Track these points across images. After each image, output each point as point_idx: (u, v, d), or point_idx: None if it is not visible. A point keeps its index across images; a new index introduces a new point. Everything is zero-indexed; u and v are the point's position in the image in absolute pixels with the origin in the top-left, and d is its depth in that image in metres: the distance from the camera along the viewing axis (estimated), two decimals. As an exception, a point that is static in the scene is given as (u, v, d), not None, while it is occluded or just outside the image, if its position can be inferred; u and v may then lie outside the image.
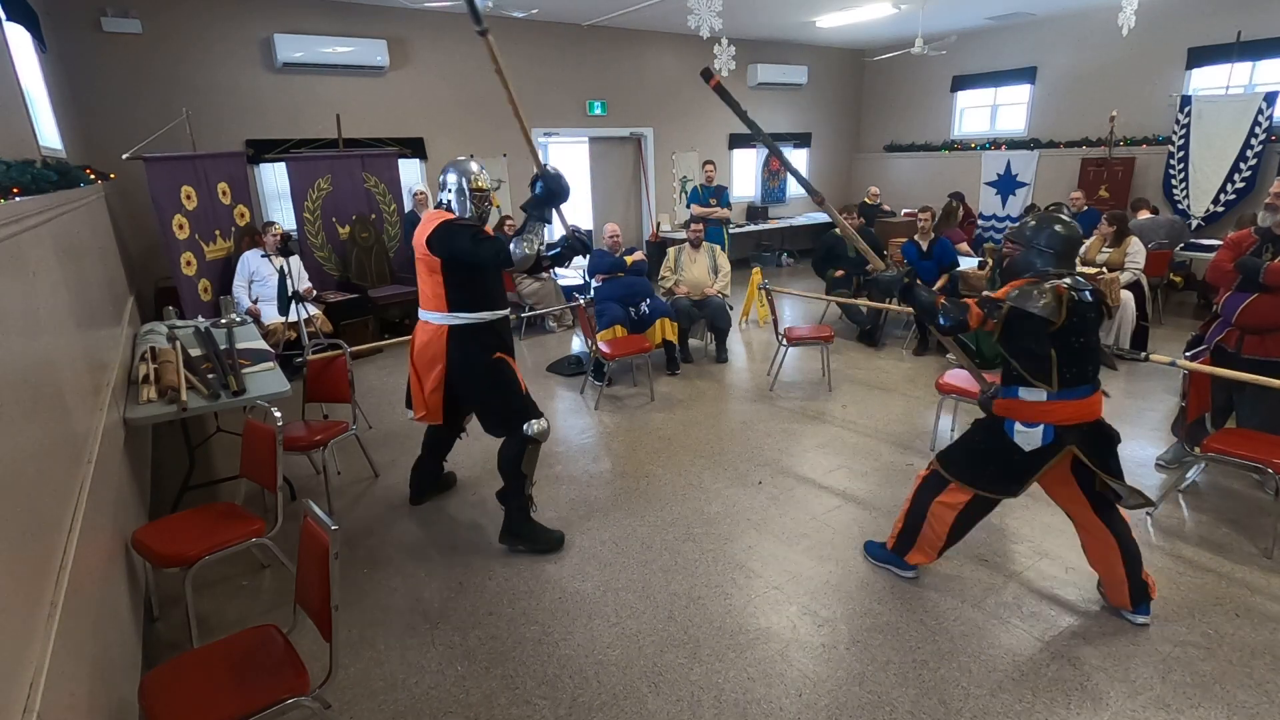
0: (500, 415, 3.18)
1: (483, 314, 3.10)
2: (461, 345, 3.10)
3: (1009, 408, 2.55)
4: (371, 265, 7.05)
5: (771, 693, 2.35)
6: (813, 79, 10.89)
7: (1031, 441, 2.49)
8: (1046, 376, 2.43)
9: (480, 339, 3.11)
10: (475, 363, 3.11)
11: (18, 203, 2.04)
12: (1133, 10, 5.67)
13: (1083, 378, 2.44)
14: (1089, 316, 2.42)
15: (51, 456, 1.91)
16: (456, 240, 2.94)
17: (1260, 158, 7.49)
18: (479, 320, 3.09)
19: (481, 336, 3.11)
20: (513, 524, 3.24)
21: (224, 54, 6.60)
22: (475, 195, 3.07)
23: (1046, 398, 2.45)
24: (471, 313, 3.08)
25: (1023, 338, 2.43)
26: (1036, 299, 2.35)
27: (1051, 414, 2.45)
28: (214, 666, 1.92)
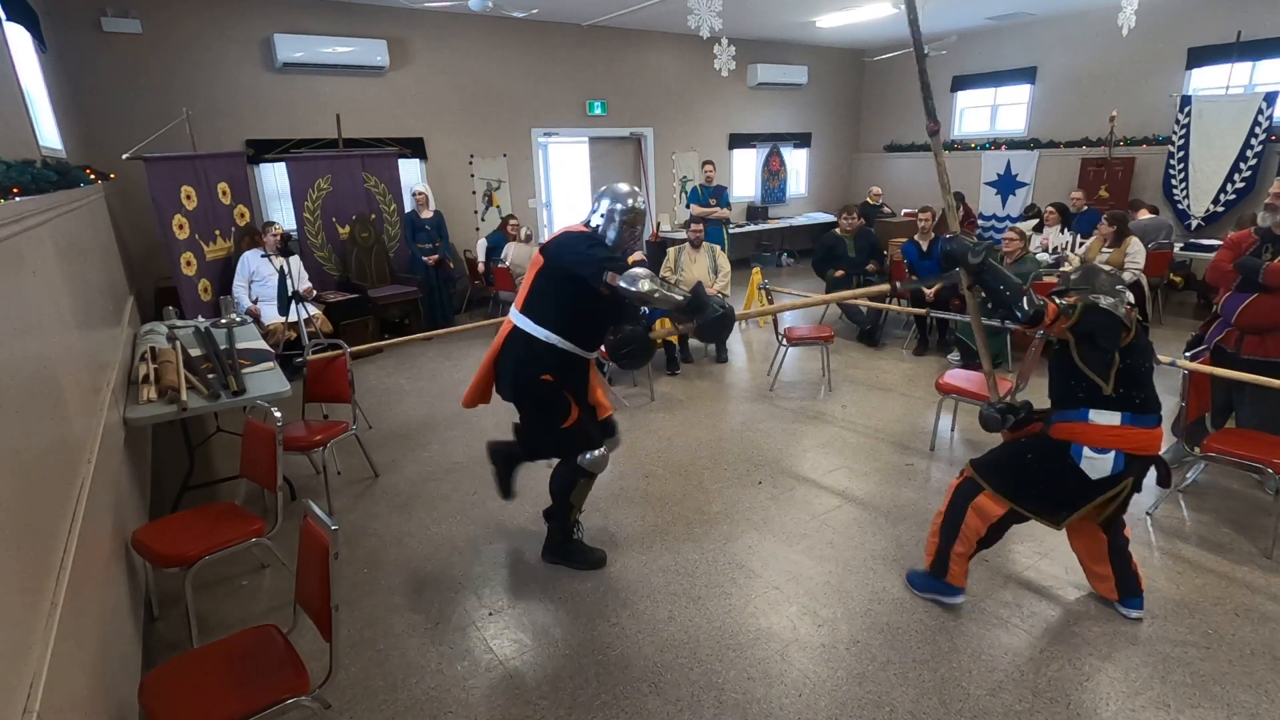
0: (543, 442, 3.02)
1: (558, 338, 2.81)
2: (520, 350, 2.85)
3: (1076, 431, 2.41)
4: (371, 265, 7.05)
5: (771, 693, 2.35)
6: (813, 79, 10.90)
7: (1100, 469, 2.36)
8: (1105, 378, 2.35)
9: (541, 356, 2.83)
10: (524, 374, 2.85)
11: (18, 203, 2.04)
12: (1133, 10, 5.67)
13: (1149, 406, 2.37)
14: (1149, 348, 2.41)
15: (51, 456, 1.91)
16: (573, 244, 2.74)
17: (1260, 158, 7.49)
18: (550, 340, 2.81)
19: (544, 355, 2.83)
20: (554, 543, 3.15)
21: (224, 54, 6.61)
22: (624, 227, 2.84)
23: (1121, 421, 2.34)
24: (547, 329, 2.80)
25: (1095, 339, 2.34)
26: (1113, 302, 2.32)
27: (1125, 440, 2.35)
28: (214, 666, 1.92)
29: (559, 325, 2.80)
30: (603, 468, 3.01)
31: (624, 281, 2.53)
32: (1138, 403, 2.35)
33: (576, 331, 2.84)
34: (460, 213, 8.28)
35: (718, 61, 5.64)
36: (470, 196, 8.44)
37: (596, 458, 2.96)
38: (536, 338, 2.81)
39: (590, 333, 2.90)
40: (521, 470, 3.30)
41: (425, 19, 7.54)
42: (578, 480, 3.00)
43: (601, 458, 2.98)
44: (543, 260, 2.82)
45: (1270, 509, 3.24)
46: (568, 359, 2.86)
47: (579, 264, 2.69)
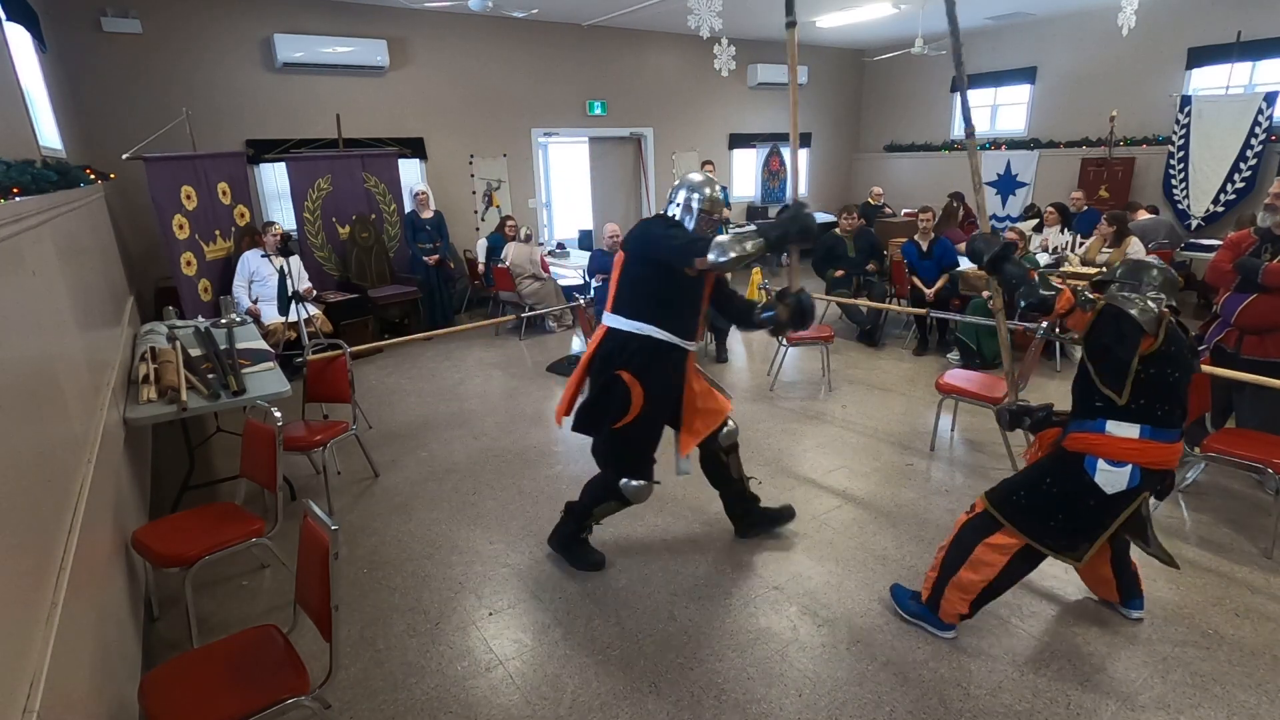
0: (605, 446, 2.92)
1: (652, 327, 2.72)
2: (609, 345, 2.78)
3: (1091, 443, 2.29)
4: (371, 265, 7.05)
5: (771, 693, 2.35)
6: (813, 79, 10.90)
7: (1116, 483, 2.25)
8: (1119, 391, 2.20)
9: (623, 349, 2.75)
10: (604, 367, 2.79)
11: (18, 203, 2.04)
12: (1133, 10, 5.67)
13: (1171, 420, 2.23)
14: (1185, 355, 2.22)
15: (51, 456, 1.91)
16: (652, 232, 2.70)
17: (1260, 158, 7.49)
18: (644, 331, 2.73)
19: (630, 347, 2.74)
20: (562, 534, 3.14)
21: (224, 54, 6.61)
22: (702, 215, 2.78)
23: (1139, 435, 2.22)
24: (640, 321, 2.73)
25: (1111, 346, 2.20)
26: (1137, 304, 2.18)
27: (1142, 454, 2.23)
28: (214, 666, 1.92)
29: (652, 315, 2.73)
30: (640, 500, 2.94)
31: (714, 255, 2.46)
32: (1159, 415, 2.21)
33: (670, 319, 2.75)
34: (460, 213, 8.28)
35: (718, 61, 5.65)
36: (470, 196, 8.44)
37: (637, 488, 2.89)
38: (630, 333, 2.74)
39: (686, 319, 2.81)
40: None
41: (425, 19, 7.55)
42: (609, 499, 2.95)
43: (643, 489, 2.90)
44: (624, 256, 2.78)
45: (1270, 509, 3.24)
46: (664, 350, 2.78)
47: (662, 250, 2.66)
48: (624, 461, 2.88)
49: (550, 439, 4.53)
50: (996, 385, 4.01)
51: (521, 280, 7.04)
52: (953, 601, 2.49)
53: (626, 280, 2.79)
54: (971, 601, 2.48)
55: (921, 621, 2.63)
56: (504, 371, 5.98)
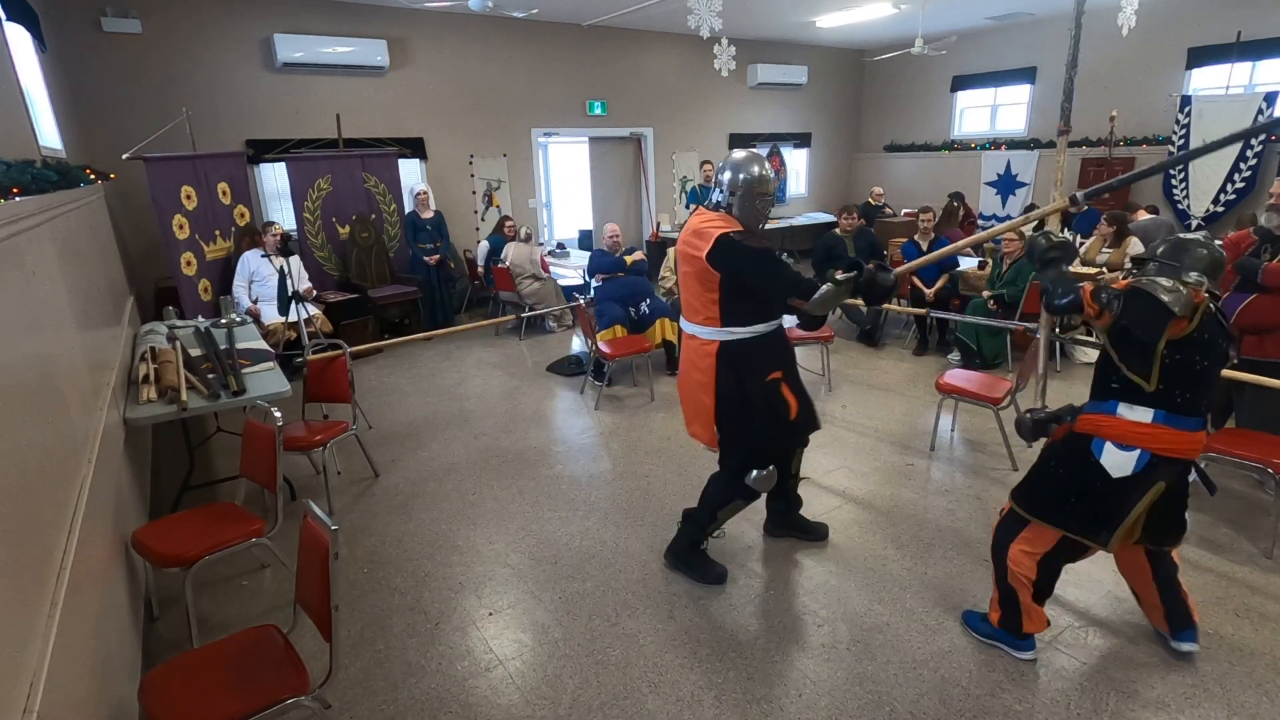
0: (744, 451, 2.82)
1: (758, 326, 2.71)
2: (734, 364, 2.72)
3: (1100, 424, 2.23)
4: (371, 265, 7.05)
5: (771, 693, 2.35)
6: (813, 79, 10.90)
7: (1121, 467, 2.18)
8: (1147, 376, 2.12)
9: (756, 355, 2.73)
10: (748, 387, 2.73)
11: (18, 203, 2.04)
12: (1133, 10, 5.67)
13: (1194, 407, 2.13)
14: (1219, 343, 2.13)
15: (51, 456, 1.91)
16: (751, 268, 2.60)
17: (1260, 158, 7.50)
18: (754, 334, 2.71)
19: (757, 353, 2.73)
20: (679, 548, 3.04)
21: (224, 54, 6.61)
22: (751, 196, 2.69)
23: (1152, 419, 2.14)
24: (746, 326, 2.69)
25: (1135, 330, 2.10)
26: (1167, 286, 2.05)
27: (1153, 439, 2.14)
28: (214, 666, 1.92)
29: (760, 314, 2.71)
30: (767, 488, 2.84)
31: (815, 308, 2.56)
32: (1178, 401, 2.12)
33: (770, 310, 2.76)
34: (460, 213, 8.28)
35: (718, 61, 5.64)
36: (470, 196, 8.44)
37: (765, 476, 2.80)
38: (743, 340, 2.70)
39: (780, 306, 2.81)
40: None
41: (425, 19, 7.54)
42: (734, 498, 2.87)
43: (771, 475, 2.81)
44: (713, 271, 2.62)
45: (1270, 509, 3.24)
46: (780, 342, 2.81)
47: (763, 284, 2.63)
48: (757, 457, 2.80)
49: (550, 439, 4.53)
50: (996, 385, 4.01)
51: (521, 280, 7.04)
52: (1036, 613, 2.43)
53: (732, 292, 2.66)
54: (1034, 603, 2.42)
55: (997, 642, 2.52)
56: (504, 371, 5.99)
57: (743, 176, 2.68)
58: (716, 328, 2.70)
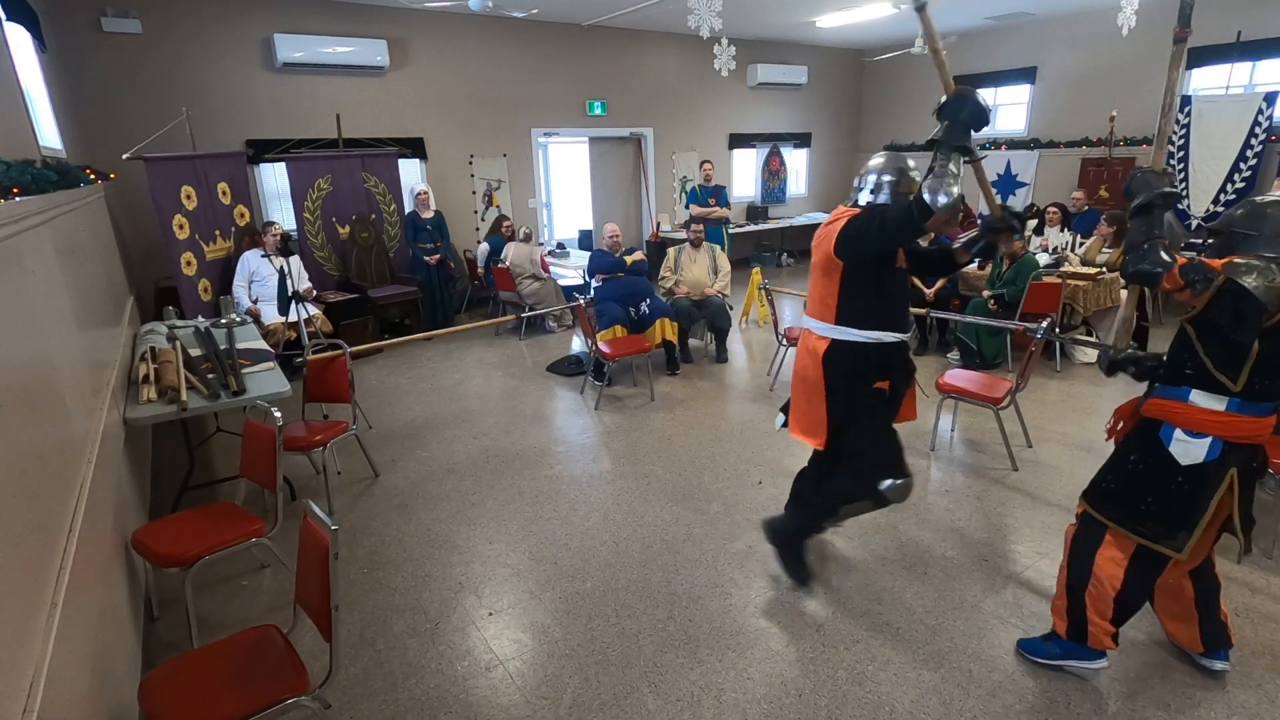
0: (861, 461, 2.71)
1: (874, 333, 2.59)
2: (842, 366, 2.64)
3: (1170, 411, 2.10)
4: (371, 265, 7.05)
5: (771, 693, 2.35)
6: (813, 79, 10.90)
7: (1192, 455, 2.06)
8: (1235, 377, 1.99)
9: (867, 361, 2.63)
10: (856, 390, 2.64)
11: (18, 203, 2.04)
12: (1133, 10, 5.67)
13: (1270, 394, 2.00)
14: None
15: (51, 456, 1.91)
16: (864, 229, 2.47)
17: (1260, 158, 7.49)
18: (868, 340, 2.60)
19: (868, 359, 2.63)
20: (786, 527, 2.94)
21: (224, 54, 6.61)
22: (899, 196, 2.59)
23: (1226, 407, 2.01)
24: (862, 329, 2.59)
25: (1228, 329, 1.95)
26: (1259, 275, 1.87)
27: (1226, 427, 2.03)
28: (214, 666, 1.92)
29: (876, 320, 2.59)
30: (904, 498, 2.68)
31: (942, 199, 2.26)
32: (1256, 389, 1.98)
33: (895, 317, 2.63)
34: (460, 213, 8.28)
35: (718, 61, 5.64)
36: (470, 196, 8.44)
37: (901, 486, 2.64)
38: (855, 343, 2.60)
39: (901, 312, 2.69)
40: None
41: (425, 19, 7.54)
42: (863, 499, 2.75)
43: (906, 486, 2.65)
44: (836, 259, 2.55)
45: (1270, 509, 3.24)
46: (896, 351, 2.67)
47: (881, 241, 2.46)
48: (879, 464, 2.66)
49: (550, 439, 4.53)
50: (996, 385, 4.01)
51: (521, 280, 7.04)
52: (1099, 628, 2.28)
53: (850, 288, 2.57)
54: (1111, 619, 2.27)
55: (1069, 661, 2.37)
56: (504, 371, 5.99)
57: (889, 178, 2.63)
58: (830, 324, 2.63)
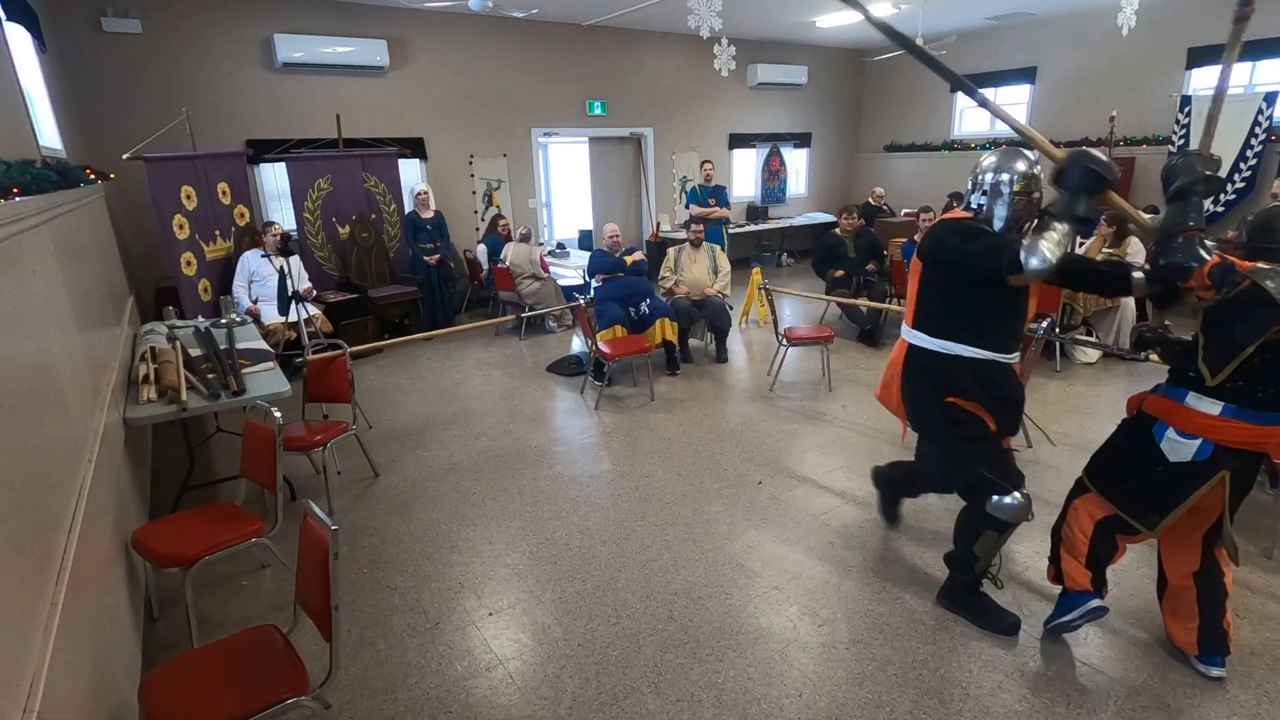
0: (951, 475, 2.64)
1: (954, 345, 2.40)
2: (914, 372, 2.53)
3: (1166, 409, 2.16)
4: (371, 265, 7.05)
5: (771, 693, 2.35)
6: (813, 79, 10.90)
7: (1180, 454, 2.11)
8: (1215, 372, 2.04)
9: (938, 374, 2.46)
10: (924, 400, 2.51)
11: (18, 203, 2.04)
12: (1133, 10, 5.67)
13: (1273, 403, 2.01)
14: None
15: (51, 456, 1.90)
16: (946, 240, 2.35)
17: (1260, 158, 7.49)
18: (945, 351, 2.42)
19: (941, 372, 2.45)
20: (953, 589, 2.73)
21: (224, 54, 6.61)
22: (1018, 199, 2.34)
23: (1220, 413, 2.05)
24: (941, 339, 2.43)
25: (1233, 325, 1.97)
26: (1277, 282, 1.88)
27: (1219, 432, 2.06)
28: (214, 666, 1.92)
29: (961, 331, 2.40)
30: (1021, 518, 2.45)
31: (1035, 263, 2.07)
32: (1259, 398, 2.00)
33: (986, 334, 2.40)
34: (460, 213, 8.28)
35: (718, 61, 5.64)
36: (470, 196, 8.44)
37: (1013, 505, 2.41)
38: (937, 353, 2.44)
39: (1005, 331, 2.42)
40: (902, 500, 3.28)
41: (425, 19, 7.54)
42: (983, 530, 2.51)
43: (1021, 506, 2.42)
44: (921, 265, 2.44)
45: (1270, 509, 3.24)
46: (983, 370, 2.42)
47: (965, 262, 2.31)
48: (983, 478, 2.45)
49: (550, 439, 4.53)
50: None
51: (521, 280, 7.04)
52: (1071, 566, 2.42)
53: (928, 292, 2.45)
54: (1085, 564, 2.38)
55: (1071, 613, 2.41)
56: (504, 371, 5.99)
57: (1007, 177, 2.35)
58: (909, 327, 2.54)
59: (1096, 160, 2.15)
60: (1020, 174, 2.34)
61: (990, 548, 2.54)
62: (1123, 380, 5.26)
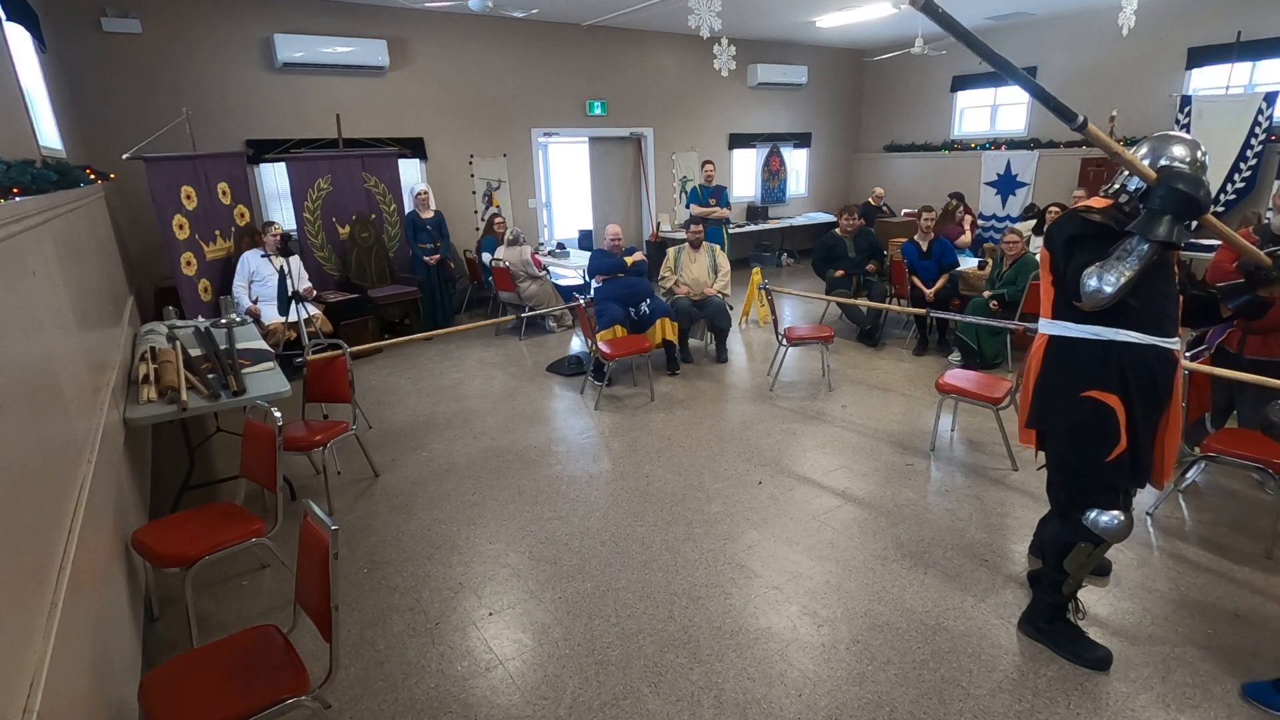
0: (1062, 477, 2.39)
1: (1094, 327, 2.20)
2: (1055, 362, 2.32)
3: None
4: (371, 265, 7.05)
5: (771, 693, 2.35)
6: (813, 79, 10.90)
7: None
8: None
9: (1080, 361, 2.25)
10: (1061, 391, 2.30)
11: (18, 203, 2.04)
12: (1133, 10, 5.67)
13: None
14: None
15: (51, 456, 1.90)
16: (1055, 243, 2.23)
17: (1260, 158, 7.49)
18: (1086, 336, 2.22)
19: (1083, 359, 2.24)
20: (1037, 615, 2.56)
21: (224, 54, 6.61)
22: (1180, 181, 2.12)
23: None
24: (1082, 324, 2.22)
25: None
26: None
27: None
28: (214, 666, 1.92)
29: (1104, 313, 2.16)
30: (1120, 538, 2.29)
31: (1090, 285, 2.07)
32: None
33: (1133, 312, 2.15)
34: (460, 213, 8.28)
35: (718, 61, 5.64)
36: (470, 196, 8.44)
37: (1118, 525, 2.26)
38: (1075, 339, 2.25)
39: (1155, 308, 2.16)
40: None
41: (425, 19, 7.54)
42: (1074, 541, 2.36)
43: (1122, 526, 2.26)
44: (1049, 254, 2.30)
45: (1270, 509, 3.24)
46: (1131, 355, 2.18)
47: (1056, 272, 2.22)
48: (1089, 491, 2.29)
49: (550, 439, 4.53)
50: (996, 385, 4.01)
51: (520, 281, 7.05)
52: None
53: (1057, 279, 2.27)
54: None
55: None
56: (504, 371, 5.99)
57: (1162, 161, 2.10)
58: (1048, 319, 2.33)
59: (1184, 178, 1.99)
60: (1177, 159, 2.09)
61: (1082, 562, 2.37)
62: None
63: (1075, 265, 2.15)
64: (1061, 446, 2.36)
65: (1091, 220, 2.19)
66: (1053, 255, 2.28)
